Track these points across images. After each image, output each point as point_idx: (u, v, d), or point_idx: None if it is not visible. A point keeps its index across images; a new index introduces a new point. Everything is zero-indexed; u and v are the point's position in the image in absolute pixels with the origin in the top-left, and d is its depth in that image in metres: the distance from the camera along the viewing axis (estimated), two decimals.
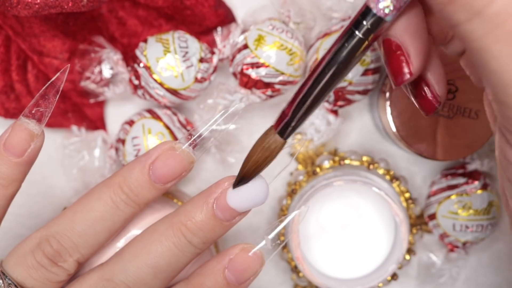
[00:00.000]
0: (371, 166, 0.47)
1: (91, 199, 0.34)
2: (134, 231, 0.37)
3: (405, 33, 0.31)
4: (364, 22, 0.29)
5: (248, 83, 0.44)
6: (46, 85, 0.33)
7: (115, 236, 0.35)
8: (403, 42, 0.31)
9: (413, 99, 0.35)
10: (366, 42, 0.30)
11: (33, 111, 0.33)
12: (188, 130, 0.46)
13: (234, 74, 0.45)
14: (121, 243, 0.37)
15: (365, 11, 0.29)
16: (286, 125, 0.32)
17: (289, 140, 0.48)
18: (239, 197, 0.33)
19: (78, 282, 0.34)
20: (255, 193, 0.32)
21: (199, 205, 0.33)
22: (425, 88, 0.34)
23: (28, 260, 0.33)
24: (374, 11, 0.29)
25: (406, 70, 0.31)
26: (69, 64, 0.34)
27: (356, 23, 0.30)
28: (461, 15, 0.25)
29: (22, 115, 0.33)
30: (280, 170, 0.34)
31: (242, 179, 0.33)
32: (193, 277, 0.34)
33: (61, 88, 0.33)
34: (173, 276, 0.34)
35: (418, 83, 0.34)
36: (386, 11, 0.29)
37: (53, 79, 0.33)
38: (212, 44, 0.46)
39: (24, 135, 0.33)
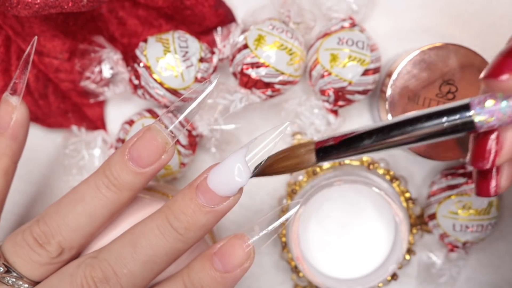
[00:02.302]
0: (371, 166, 0.47)
1: (79, 185, 0.35)
2: None
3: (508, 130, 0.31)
4: (458, 119, 0.30)
5: (248, 83, 0.44)
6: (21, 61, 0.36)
7: (99, 225, 0.35)
8: (502, 135, 0.31)
9: (474, 173, 0.34)
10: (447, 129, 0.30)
11: (11, 85, 0.36)
12: (188, 131, 0.46)
13: (234, 74, 0.45)
14: None
15: (465, 107, 0.30)
16: (327, 150, 0.32)
17: (290, 140, 0.49)
18: (217, 179, 0.32)
19: (70, 262, 0.34)
20: (233, 175, 0.32)
21: (184, 190, 0.33)
22: (493, 174, 0.33)
23: (17, 238, 0.34)
24: (472, 118, 0.30)
25: (490, 158, 0.31)
26: (36, 36, 0.36)
27: (450, 112, 0.30)
28: None
29: (5, 92, 0.36)
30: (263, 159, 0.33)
31: (259, 173, 0.33)
32: (188, 263, 0.35)
33: (30, 60, 0.35)
34: (154, 262, 0.33)
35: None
36: (484, 126, 0.30)
37: (25, 54, 0.35)
38: (212, 44, 0.46)
39: (5, 106, 0.36)
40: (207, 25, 0.46)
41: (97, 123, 0.48)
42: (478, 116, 0.30)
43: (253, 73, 0.43)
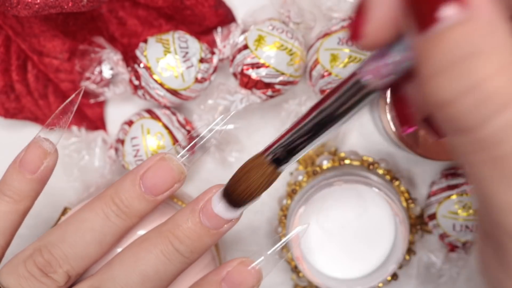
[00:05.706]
0: (371, 166, 0.47)
1: (84, 211, 0.34)
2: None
3: None
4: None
5: (248, 83, 0.44)
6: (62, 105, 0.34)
7: (107, 251, 0.35)
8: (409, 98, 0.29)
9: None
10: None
11: (47, 126, 0.34)
12: (188, 131, 0.46)
13: (234, 75, 0.45)
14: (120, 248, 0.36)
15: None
16: (280, 157, 0.32)
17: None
18: (224, 204, 0.33)
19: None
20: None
21: (186, 213, 0.33)
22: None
23: (19, 270, 0.33)
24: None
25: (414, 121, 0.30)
26: (83, 86, 0.35)
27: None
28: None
29: (38, 135, 0.34)
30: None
31: (232, 202, 0.32)
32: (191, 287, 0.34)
33: (73, 109, 0.34)
34: (162, 286, 0.33)
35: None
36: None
37: (68, 100, 0.34)
38: (212, 44, 0.46)
39: (37, 151, 0.34)
40: (207, 25, 0.46)
41: (97, 123, 0.48)
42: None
43: (253, 73, 0.43)
